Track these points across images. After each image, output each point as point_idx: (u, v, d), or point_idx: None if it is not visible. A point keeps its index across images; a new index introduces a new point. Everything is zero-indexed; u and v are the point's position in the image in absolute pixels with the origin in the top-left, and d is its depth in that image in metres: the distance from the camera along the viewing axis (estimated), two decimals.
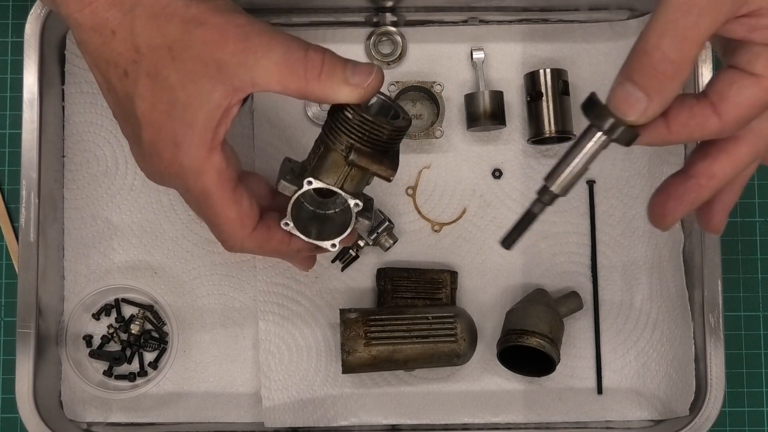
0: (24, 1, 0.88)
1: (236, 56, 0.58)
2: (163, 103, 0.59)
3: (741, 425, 0.86)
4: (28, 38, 0.79)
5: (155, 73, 0.58)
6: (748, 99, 0.54)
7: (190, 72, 0.58)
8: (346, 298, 0.83)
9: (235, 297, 0.83)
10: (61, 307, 0.82)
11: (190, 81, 0.58)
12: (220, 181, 0.60)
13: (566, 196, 0.59)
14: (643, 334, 0.83)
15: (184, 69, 0.58)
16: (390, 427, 0.82)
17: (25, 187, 0.78)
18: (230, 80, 0.59)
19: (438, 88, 0.83)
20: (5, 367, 0.85)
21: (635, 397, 0.83)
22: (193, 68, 0.58)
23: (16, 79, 0.86)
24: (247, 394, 0.83)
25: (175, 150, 0.59)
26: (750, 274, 0.87)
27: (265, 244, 0.64)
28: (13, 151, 0.86)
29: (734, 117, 0.54)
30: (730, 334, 0.85)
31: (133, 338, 0.82)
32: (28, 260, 0.78)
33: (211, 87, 0.58)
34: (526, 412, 0.82)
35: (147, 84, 0.59)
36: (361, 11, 0.83)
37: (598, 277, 0.84)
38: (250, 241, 0.64)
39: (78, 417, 0.82)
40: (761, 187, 0.88)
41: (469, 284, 0.83)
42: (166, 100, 0.59)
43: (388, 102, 0.68)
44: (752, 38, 0.53)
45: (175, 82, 0.58)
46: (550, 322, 0.78)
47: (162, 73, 0.58)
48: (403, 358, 0.78)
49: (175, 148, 0.59)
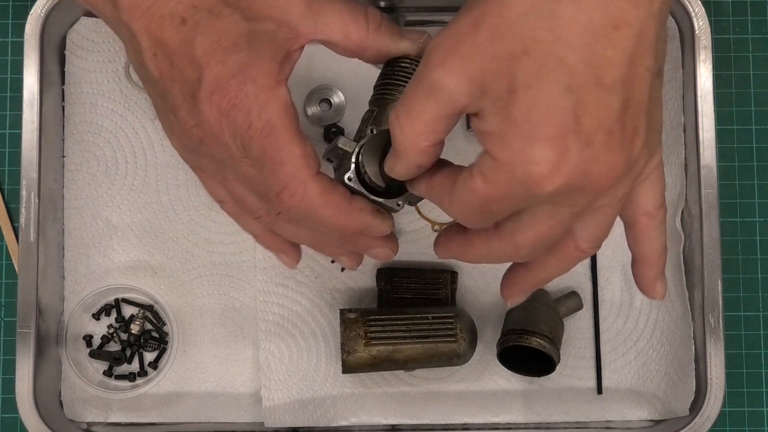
0: (24, 1, 0.88)
1: (301, 2, 0.58)
2: (228, 38, 0.56)
3: (741, 425, 0.86)
4: (28, 38, 0.79)
5: (218, 12, 0.57)
6: (467, 196, 0.52)
7: (254, 12, 0.57)
8: (346, 298, 0.83)
9: (235, 297, 0.83)
10: (61, 307, 0.82)
11: (254, 19, 0.57)
12: (286, 114, 0.57)
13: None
14: (643, 334, 0.83)
15: (249, 8, 0.57)
16: (390, 427, 0.82)
17: (25, 187, 0.78)
18: (294, 24, 0.58)
19: None
20: (5, 367, 0.85)
21: (635, 397, 0.83)
22: (258, 9, 0.57)
23: (16, 79, 0.86)
24: (247, 394, 0.83)
25: (242, 78, 0.56)
26: (750, 274, 0.87)
27: (327, 194, 0.58)
28: (13, 151, 0.86)
29: (460, 214, 0.53)
30: (730, 334, 0.85)
31: (133, 338, 0.82)
32: (28, 260, 0.78)
33: (276, 27, 0.57)
34: (526, 412, 0.82)
35: (209, 22, 0.57)
36: None
37: (598, 277, 0.84)
38: (313, 185, 0.58)
39: (78, 417, 0.82)
40: (761, 187, 0.88)
41: (469, 284, 0.83)
42: (232, 35, 0.56)
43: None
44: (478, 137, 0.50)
45: (239, 19, 0.57)
46: (550, 322, 0.78)
47: (225, 11, 0.57)
48: (403, 358, 0.78)
49: (242, 75, 0.56)
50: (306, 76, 0.84)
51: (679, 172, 0.82)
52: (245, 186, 0.62)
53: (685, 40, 0.81)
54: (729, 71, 0.88)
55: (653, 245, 0.59)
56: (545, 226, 0.51)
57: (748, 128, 0.88)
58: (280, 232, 0.65)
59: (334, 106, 0.84)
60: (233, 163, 0.59)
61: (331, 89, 0.84)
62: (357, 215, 0.60)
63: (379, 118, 0.63)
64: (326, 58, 0.84)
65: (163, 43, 0.58)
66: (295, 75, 0.83)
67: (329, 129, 0.83)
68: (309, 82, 0.84)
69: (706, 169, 0.80)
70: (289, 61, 0.59)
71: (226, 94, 0.56)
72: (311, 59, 0.84)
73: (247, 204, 0.63)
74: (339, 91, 0.84)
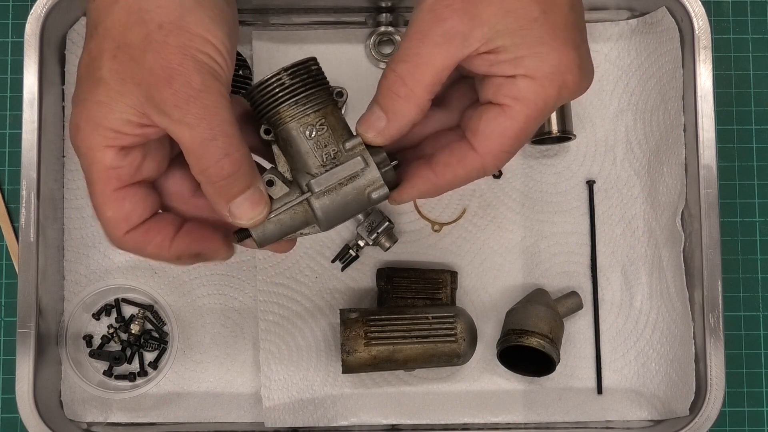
0: (24, 1, 0.88)
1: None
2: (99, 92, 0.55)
3: (741, 425, 0.86)
4: (28, 38, 0.79)
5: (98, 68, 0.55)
6: (498, 129, 0.55)
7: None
8: (346, 298, 0.83)
9: (235, 297, 0.83)
10: (61, 307, 0.82)
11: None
12: (106, 178, 0.56)
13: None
14: (643, 334, 0.83)
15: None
16: (390, 427, 0.82)
17: (25, 187, 0.78)
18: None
19: None
20: (5, 367, 0.85)
21: (635, 397, 0.83)
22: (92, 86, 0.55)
23: (16, 79, 0.86)
24: (247, 394, 0.83)
25: (74, 132, 0.56)
26: (750, 274, 0.87)
27: (139, 249, 0.59)
28: (13, 151, 0.86)
29: (489, 149, 0.56)
30: (730, 334, 0.85)
31: (133, 338, 0.82)
32: (28, 260, 0.78)
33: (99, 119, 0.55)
34: (526, 412, 0.82)
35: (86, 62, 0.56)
36: (361, 11, 0.83)
37: (598, 277, 0.84)
38: (123, 243, 0.59)
39: (78, 417, 0.82)
40: (761, 187, 0.88)
41: (469, 284, 0.84)
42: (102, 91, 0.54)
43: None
44: (493, 72, 0.55)
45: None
46: (550, 322, 0.78)
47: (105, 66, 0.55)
48: (403, 358, 0.78)
49: (75, 129, 0.56)
50: None
51: (679, 172, 0.82)
52: None
53: (685, 40, 0.81)
54: (729, 71, 0.88)
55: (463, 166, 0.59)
56: (522, 130, 0.56)
57: (748, 128, 0.88)
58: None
59: None
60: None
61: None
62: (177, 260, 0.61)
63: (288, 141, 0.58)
64: (326, 58, 0.84)
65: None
66: None
67: None
68: None
69: (706, 169, 0.80)
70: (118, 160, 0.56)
71: (75, 134, 0.56)
72: None
73: None
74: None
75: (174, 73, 0.52)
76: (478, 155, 0.56)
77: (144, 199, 0.58)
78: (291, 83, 0.56)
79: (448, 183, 0.58)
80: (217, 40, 0.53)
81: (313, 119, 0.57)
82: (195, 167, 0.54)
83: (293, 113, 0.57)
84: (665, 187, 0.83)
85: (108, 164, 0.55)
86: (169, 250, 0.59)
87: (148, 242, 0.58)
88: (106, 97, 0.53)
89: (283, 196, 0.57)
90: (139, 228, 0.58)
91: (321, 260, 0.83)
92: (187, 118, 0.52)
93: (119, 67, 0.53)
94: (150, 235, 0.58)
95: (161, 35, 0.52)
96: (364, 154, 0.57)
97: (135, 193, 0.57)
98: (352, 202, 0.57)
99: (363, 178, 0.57)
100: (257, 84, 0.57)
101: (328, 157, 0.57)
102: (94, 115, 0.54)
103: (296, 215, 0.57)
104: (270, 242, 0.58)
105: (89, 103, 0.54)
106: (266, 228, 0.57)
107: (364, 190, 0.57)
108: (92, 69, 0.54)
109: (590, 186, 0.84)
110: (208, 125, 0.53)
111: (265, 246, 0.58)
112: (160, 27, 0.52)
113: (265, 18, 0.83)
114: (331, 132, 0.57)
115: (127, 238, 0.57)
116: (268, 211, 0.57)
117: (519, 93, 0.55)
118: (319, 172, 0.57)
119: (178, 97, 0.52)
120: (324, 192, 0.57)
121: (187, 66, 0.52)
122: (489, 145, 0.56)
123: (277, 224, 0.57)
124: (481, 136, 0.56)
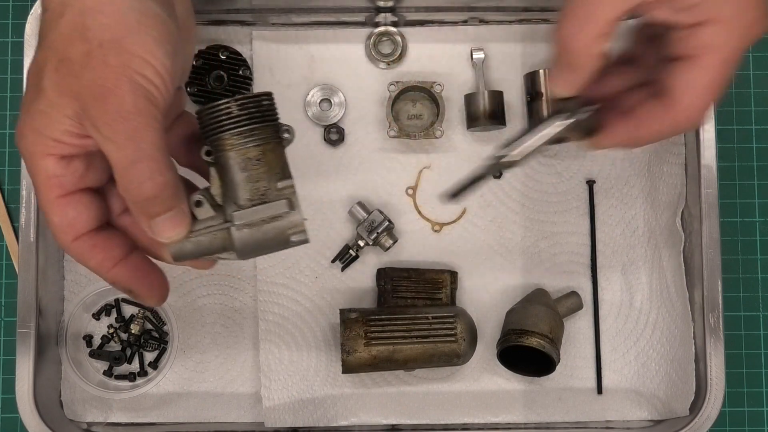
0: (24, 1, 0.88)
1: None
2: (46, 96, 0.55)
3: (741, 425, 0.86)
4: (28, 38, 0.79)
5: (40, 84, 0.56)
6: (692, 82, 0.56)
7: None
8: (346, 298, 0.83)
9: (235, 297, 0.83)
10: (61, 307, 0.82)
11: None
12: (48, 185, 0.57)
13: (520, 166, 0.65)
14: (643, 334, 0.83)
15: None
16: (390, 427, 0.82)
17: (25, 187, 0.78)
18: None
19: (438, 88, 0.83)
20: (5, 367, 0.85)
21: (635, 397, 0.83)
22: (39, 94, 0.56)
23: (16, 79, 0.86)
24: (247, 394, 0.83)
25: (19, 138, 0.57)
26: (750, 274, 0.87)
27: (83, 260, 0.60)
28: (13, 151, 0.86)
29: (687, 105, 0.57)
30: (730, 334, 0.85)
31: (133, 338, 0.82)
32: (28, 260, 0.78)
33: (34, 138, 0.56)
34: (526, 412, 0.82)
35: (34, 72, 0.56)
36: (361, 11, 0.83)
37: (598, 277, 0.84)
38: (70, 250, 0.59)
39: (78, 417, 0.82)
40: (761, 187, 0.88)
41: (469, 284, 0.84)
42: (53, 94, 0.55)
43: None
44: (677, 20, 0.55)
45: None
46: (550, 322, 0.78)
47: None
48: (403, 358, 0.78)
49: (20, 136, 0.56)
50: (306, 76, 0.84)
51: (679, 172, 0.82)
52: None
53: None
54: None
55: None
56: (717, 79, 0.57)
57: (748, 128, 0.88)
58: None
59: (334, 106, 0.84)
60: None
61: (331, 89, 0.84)
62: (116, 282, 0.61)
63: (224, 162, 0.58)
64: (326, 58, 0.84)
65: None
66: (296, 75, 0.84)
67: (329, 129, 0.83)
68: (309, 82, 0.84)
69: (706, 169, 0.80)
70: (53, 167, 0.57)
71: (20, 140, 0.57)
72: (311, 59, 0.84)
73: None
74: (339, 91, 0.84)
75: (107, 92, 0.52)
76: (675, 111, 0.57)
77: (88, 207, 0.58)
78: (238, 114, 0.57)
79: (644, 137, 0.60)
80: (157, 62, 0.53)
81: (252, 153, 0.57)
82: (119, 185, 0.55)
83: (234, 143, 0.57)
84: (665, 187, 0.83)
85: (51, 172, 0.56)
86: (108, 272, 0.60)
87: (91, 257, 0.59)
88: (47, 107, 0.54)
89: (208, 219, 0.58)
90: (86, 238, 0.58)
91: (321, 260, 0.83)
92: (115, 137, 0.53)
93: (60, 80, 0.54)
94: (95, 251, 0.59)
95: (101, 53, 0.53)
96: (292, 197, 0.58)
97: (79, 200, 0.58)
98: (272, 240, 0.58)
99: (285, 220, 0.58)
100: (207, 106, 0.58)
101: (257, 192, 0.57)
102: (37, 123, 0.55)
103: (215, 240, 0.58)
104: (186, 260, 0.59)
105: (32, 112, 0.55)
106: (184, 246, 0.58)
107: (285, 231, 0.58)
108: (37, 79, 0.55)
109: (590, 186, 0.84)
110: (134, 147, 0.53)
111: (180, 262, 0.59)
112: (100, 45, 0.53)
113: (265, 18, 0.83)
114: (267, 169, 0.57)
115: (74, 245, 0.58)
116: (188, 232, 0.57)
117: (706, 41, 0.55)
118: (245, 204, 0.57)
119: (109, 116, 0.52)
120: (245, 225, 0.57)
121: (121, 86, 0.52)
122: (685, 100, 0.57)
123: (195, 244, 0.58)
124: (677, 91, 0.57)
